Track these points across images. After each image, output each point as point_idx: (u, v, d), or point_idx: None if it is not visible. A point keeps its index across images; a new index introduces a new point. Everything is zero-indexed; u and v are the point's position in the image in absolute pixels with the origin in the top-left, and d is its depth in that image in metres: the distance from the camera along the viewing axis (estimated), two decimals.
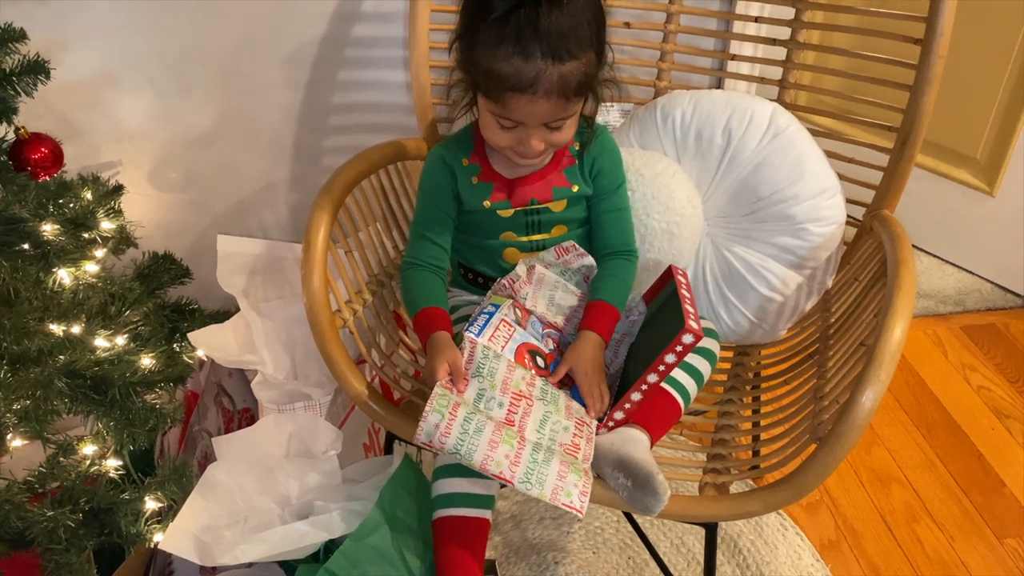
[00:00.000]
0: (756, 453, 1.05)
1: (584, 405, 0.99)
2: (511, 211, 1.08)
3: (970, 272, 2.05)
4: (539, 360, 1.01)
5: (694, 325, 0.91)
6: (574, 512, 0.87)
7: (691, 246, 1.17)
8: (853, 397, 0.84)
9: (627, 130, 1.24)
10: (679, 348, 0.91)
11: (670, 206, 1.13)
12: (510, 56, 0.90)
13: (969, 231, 2.02)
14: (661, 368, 0.93)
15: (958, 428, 1.64)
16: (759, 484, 0.93)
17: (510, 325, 1.02)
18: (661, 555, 1.37)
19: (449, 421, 0.88)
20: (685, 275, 1.04)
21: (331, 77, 1.43)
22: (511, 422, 0.92)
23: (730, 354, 1.23)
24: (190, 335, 1.11)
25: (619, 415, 0.97)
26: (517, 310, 1.05)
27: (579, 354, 1.01)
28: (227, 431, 1.29)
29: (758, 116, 1.14)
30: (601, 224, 1.11)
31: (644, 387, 0.94)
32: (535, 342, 1.03)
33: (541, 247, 1.10)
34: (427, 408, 0.89)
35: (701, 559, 1.39)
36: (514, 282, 1.05)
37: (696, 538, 1.41)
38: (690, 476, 1.01)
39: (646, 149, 1.16)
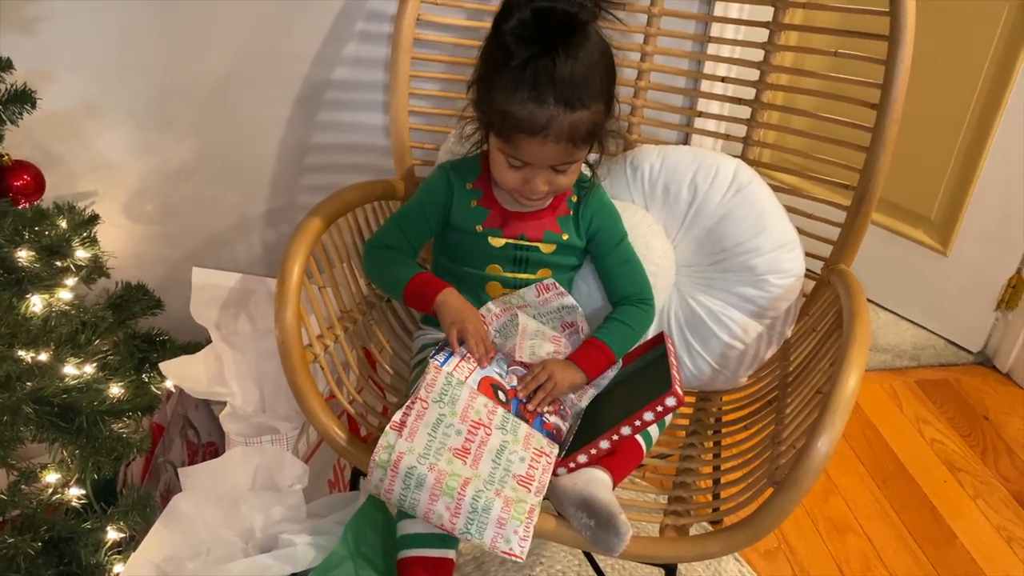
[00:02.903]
0: (716, 496, 1.07)
1: (549, 436, 1.01)
2: (502, 241, 1.11)
3: (925, 328, 2.12)
4: (500, 395, 1.03)
5: (679, 390, 0.95)
6: (514, 558, 0.89)
7: (664, 296, 1.20)
8: (809, 443, 0.87)
9: None
10: (660, 408, 0.95)
11: (647, 256, 1.17)
12: (525, 101, 0.95)
13: (924, 288, 2.09)
14: (637, 423, 0.96)
15: (912, 480, 1.68)
16: (718, 528, 0.95)
17: (473, 361, 1.04)
18: None
19: (392, 478, 0.91)
20: (674, 344, 1.08)
21: (311, 117, 1.47)
22: (467, 450, 0.93)
23: (693, 399, 1.26)
24: (161, 365, 1.12)
25: (583, 458, 0.99)
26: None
27: (549, 362, 1.04)
28: (191, 464, 1.29)
29: (723, 171, 1.19)
30: (612, 278, 1.16)
31: (615, 437, 0.97)
32: (498, 377, 1.05)
33: (524, 286, 1.13)
34: (371, 462, 0.91)
35: None
36: (483, 316, 1.08)
37: None
38: (651, 518, 1.03)
39: (616, 199, 1.20)
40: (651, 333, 1.23)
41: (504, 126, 0.98)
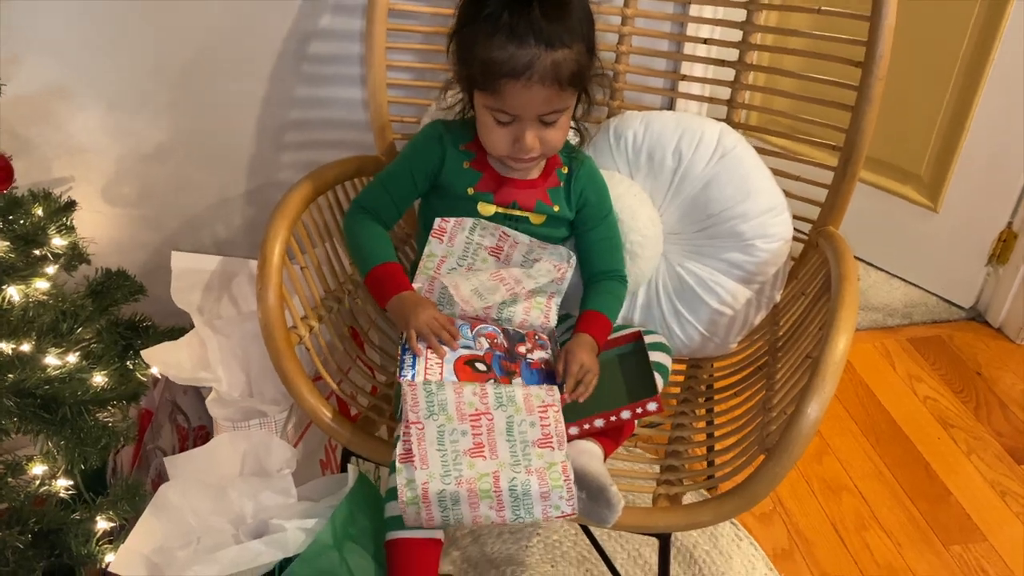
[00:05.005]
0: (710, 464, 1.07)
1: (541, 376, 1.02)
2: (492, 209, 1.10)
3: (916, 286, 2.11)
4: (479, 365, 1.01)
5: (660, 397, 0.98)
6: (569, 517, 0.92)
7: (652, 266, 1.19)
8: (799, 408, 0.87)
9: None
10: (639, 410, 0.97)
11: (633, 227, 1.15)
12: (504, 44, 0.95)
13: (915, 246, 2.08)
14: (613, 419, 0.98)
15: (905, 438, 1.68)
16: (711, 495, 0.95)
17: (437, 353, 1.00)
18: (618, 567, 1.39)
19: (427, 509, 0.89)
20: None
21: (287, 93, 1.44)
22: (480, 445, 0.92)
23: (683, 367, 1.26)
24: (143, 352, 1.10)
25: (574, 430, 0.99)
26: None
27: (573, 350, 1.03)
28: (182, 449, 1.28)
29: (707, 136, 1.17)
30: (591, 253, 1.15)
31: (587, 427, 0.98)
32: (467, 351, 1.02)
33: None
34: (400, 504, 0.89)
35: (652, 564, 1.41)
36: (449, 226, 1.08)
37: (652, 549, 1.43)
38: (644, 488, 1.03)
39: (600, 169, 1.18)
40: (639, 301, 1.23)
41: (487, 75, 0.97)
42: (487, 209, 1.10)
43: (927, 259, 2.07)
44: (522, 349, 1.04)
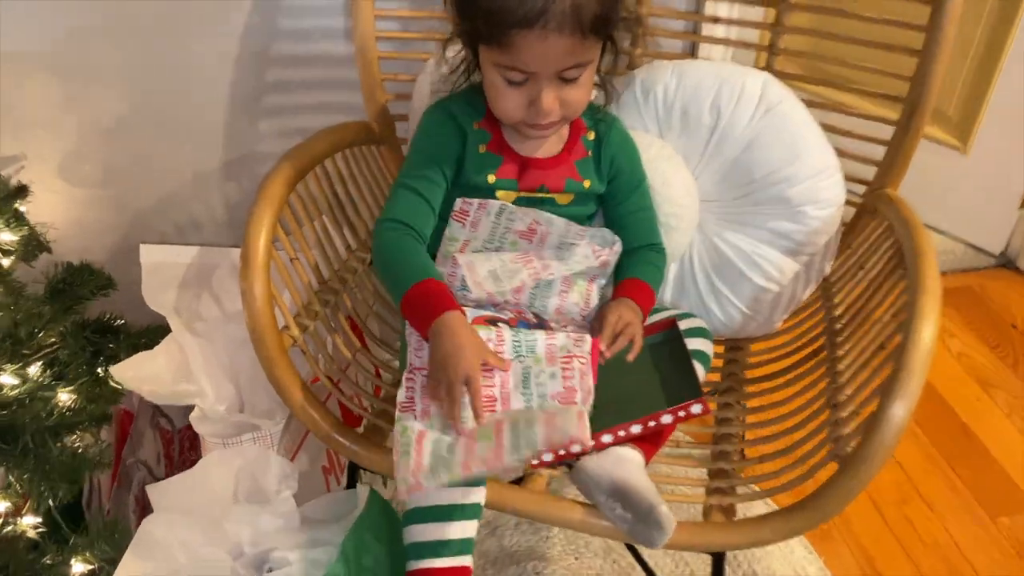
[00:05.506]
0: (764, 463, 0.95)
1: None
2: (514, 195, 0.95)
3: (942, 232, 2.00)
4: (500, 325, 0.89)
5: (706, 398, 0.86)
6: (579, 445, 0.80)
7: (686, 240, 1.06)
8: (881, 409, 0.75)
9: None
10: (681, 414, 0.85)
11: (668, 196, 1.01)
12: None
13: (941, 190, 1.95)
14: (651, 424, 0.86)
15: (942, 400, 1.58)
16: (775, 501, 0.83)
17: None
18: (646, 558, 1.29)
19: (417, 458, 0.78)
20: None
21: (263, 51, 1.27)
22: (491, 399, 0.82)
23: (721, 349, 1.13)
24: (113, 369, 0.95)
25: (607, 438, 0.86)
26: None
27: (611, 305, 0.91)
28: (167, 456, 1.16)
29: (749, 89, 1.02)
30: (624, 228, 1.00)
31: (621, 433, 0.85)
32: (491, 312, 0.91)
33: None
34: (395, 458, 0.78)
35: (688, 559, 1.31)
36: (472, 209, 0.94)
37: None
38: (693, 498, 0.91)
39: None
40: (671, 276, 1.09)
41: (494, 26, 0.81)
42: (508, 197, 0.95)
43: (955, 203, 1.95)
44: (554, 325, 0.92)
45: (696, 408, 0.85)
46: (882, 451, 0.75)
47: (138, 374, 0.94)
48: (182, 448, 1.19)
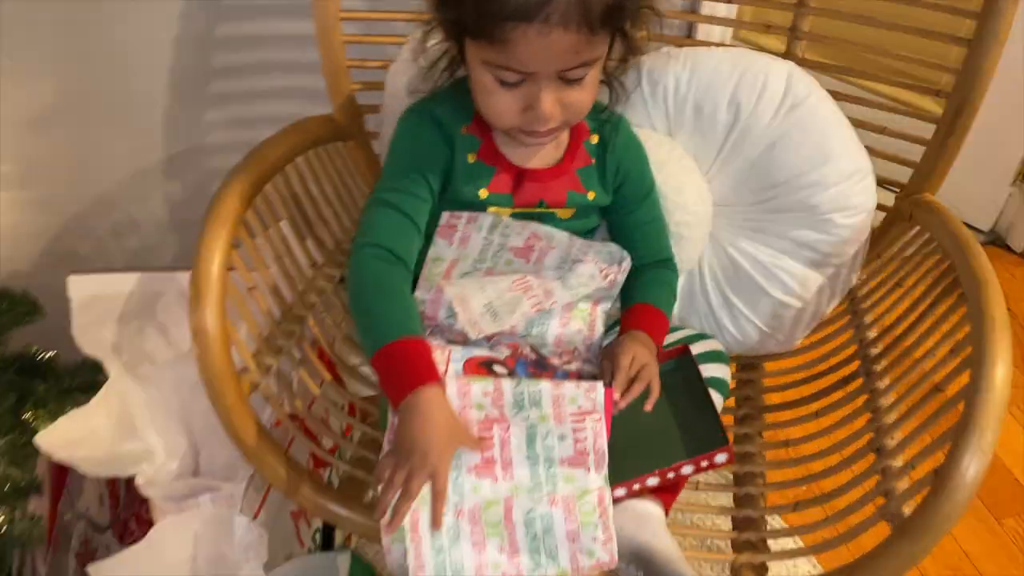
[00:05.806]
0: (796, 508, 0.85)
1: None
2: (508, 211, 0.82)
3: None
4: (497, 368, 0.77)
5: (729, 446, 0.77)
6: (605, 567, 0.71)
7: (698, 250, 0.94)
8: (950, 467, 0.66)
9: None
10: (704, 463, 0.76)
11: (678, 203, 0.90)
12: None
13: None
14: (670, 476, 0.75)
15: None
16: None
17: (442, 348, 0.76)
18: None
19: (416, 547, 0.67)
20: None
21: (209, 31, 1.11)
22: (490, 461, 0.71)
23: (733, 368, 1.02)
24: (38, 439, 0.79)
25: (621, 492, 0.75)
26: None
27: (620, 342, 0.80)
28: (112, 504, 1.01)
29: (772, 82, 0.90)
30: (633, 241, 0.88)
31: (637, 487, 0.75)
32: (482, 352, 0.79)
33: None
34: (384, 543, 0.66)
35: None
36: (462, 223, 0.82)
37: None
38: (718, 555, 0.81)
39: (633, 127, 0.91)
40: (679, 293, 0.98)
41: (485, 19, 0.68)
42: (502, 212, 0.82)
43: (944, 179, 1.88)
44: (556, 361, 0.80)
45: (720, 458, 0.76)
46: (951, 518, 0.65)
47: (68, 439, 0.78)
48: (127, 492, 1.05)
